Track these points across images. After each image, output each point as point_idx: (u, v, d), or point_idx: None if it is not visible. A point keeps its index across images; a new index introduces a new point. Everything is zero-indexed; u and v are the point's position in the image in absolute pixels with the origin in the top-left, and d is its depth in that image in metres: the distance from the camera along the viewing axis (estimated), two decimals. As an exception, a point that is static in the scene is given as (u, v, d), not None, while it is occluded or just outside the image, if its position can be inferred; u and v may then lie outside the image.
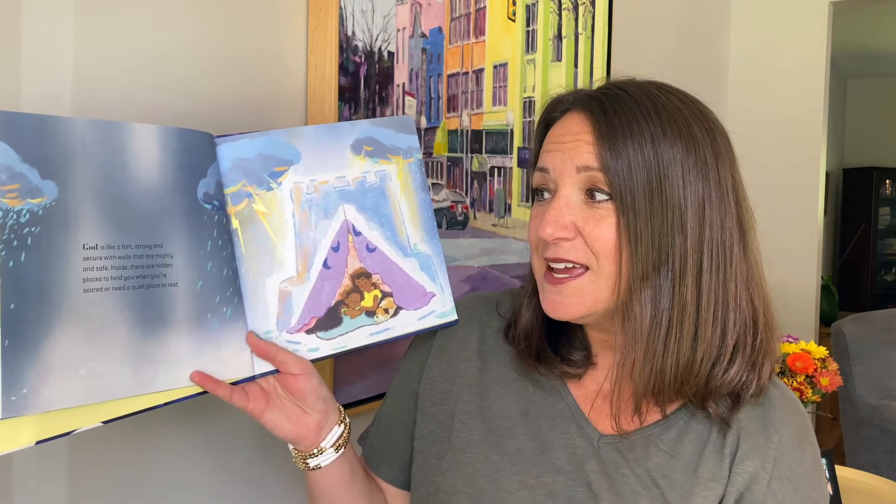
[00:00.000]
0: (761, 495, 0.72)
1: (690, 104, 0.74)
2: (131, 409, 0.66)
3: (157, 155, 0.69)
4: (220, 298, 0.72)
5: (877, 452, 2.55)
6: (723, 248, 0.72)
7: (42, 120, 0.63)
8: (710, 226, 0.71)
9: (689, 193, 0.70)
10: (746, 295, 0.73)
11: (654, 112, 0.71)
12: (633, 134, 0.70)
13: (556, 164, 0.73)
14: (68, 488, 0.83)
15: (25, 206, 0.61)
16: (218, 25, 0.96)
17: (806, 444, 0.77)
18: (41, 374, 0.61)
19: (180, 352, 0.69)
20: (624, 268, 0.70)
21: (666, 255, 0.70)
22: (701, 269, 0.71)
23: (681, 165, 0.70)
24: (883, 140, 5.70)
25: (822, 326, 3.11)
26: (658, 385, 0.72)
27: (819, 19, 2.74)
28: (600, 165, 0.70)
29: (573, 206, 0.72)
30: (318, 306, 0.77)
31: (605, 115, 0.72)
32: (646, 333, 0.71)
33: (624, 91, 0.74)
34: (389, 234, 0.80)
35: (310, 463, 0.79)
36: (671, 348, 0.71)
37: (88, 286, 0.64)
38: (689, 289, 0.70)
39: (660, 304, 0.71)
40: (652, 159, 0.70)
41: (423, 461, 0.83)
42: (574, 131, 0.73)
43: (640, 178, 0.69)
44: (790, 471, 0.74)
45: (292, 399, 0.76)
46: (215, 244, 0.72)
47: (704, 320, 0.71)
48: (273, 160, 0.76)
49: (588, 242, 0.71)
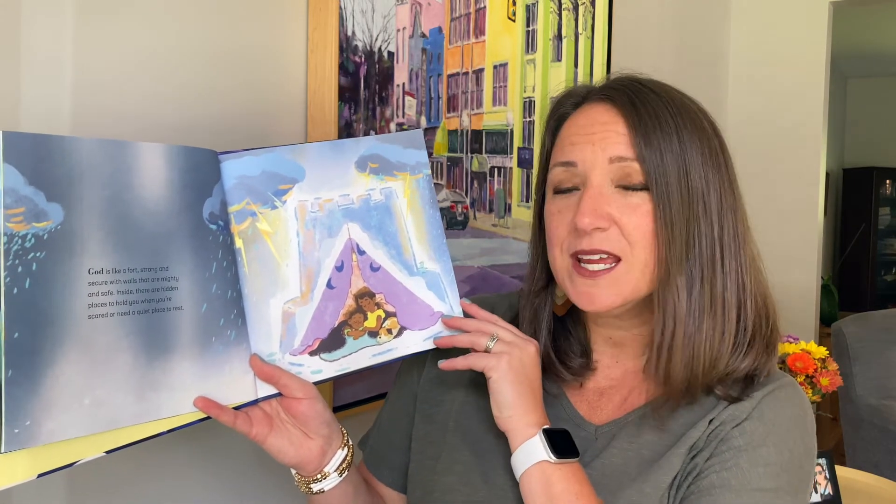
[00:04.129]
0: (730, 427, 0.72)
1: (694, 101, 0.77)
2: (135, 437, 0.65)
3: (163, 175, 0.68)
4: (224, 321, 0.71)
5: (877, 452, 2.55)
6: (737, 237, 0.74)
7: (47, 140, 0.61)
8: (726, 216, 0.74)
9: (710, 185, 0.73)
10: (756, 282, 0.76)
11: (673, 105, 0.74)
12: (662, 125, 0.72)
13: (587, 157, 0.73)
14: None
15: (31, 231, 0.59)
16: (218, 25, 0.95)
17: (796, 419, 0.75)
18: (44, 405, 0.59)
19: (184, 377, 0.68)
20: (661, 256, 0.72)
21: (695, 243, 0.72)
22: (724, 259, 0.73)
23: (700, 158, 0.73)
24: (883, 140, 5.71)
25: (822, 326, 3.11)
26: (693, 373, 0.72)
27: (819, 19, 2.74)
28: (635, 155, 0.71)
29: (607, 196, 0.72)
30: (321, 327, 0.76)
31: (633, 106, 0.73)
32: (683, 319, 0.72)
33: (640, 84, 0.76)
34: (394, 252, 0.79)
35: (313, 488, 0.78)
36: (705, 334, 0.72)
37: (93, 312, 0.62)
38: (720, 277, 0.73)
39: (692, 290, 0.72)
40: (678, 151, 0.72)
41: (419, 462, 0.83)
42: (601, 121, 0.74)
43: (672, 168, 0.71)
44: (768, 419, 0.73)
45: (295, 423, 0.76)
46: (220, 265, 0.71)
47: (729, 306, 0.73)
48: (277, 178, 0.75)
49: (624, 232, 0.72)
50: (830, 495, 1.60)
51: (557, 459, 0.69)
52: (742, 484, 0.69)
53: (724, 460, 0.70)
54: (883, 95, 5.72)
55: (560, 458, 0.69)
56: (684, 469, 0.72)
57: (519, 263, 1.51)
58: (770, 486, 0.69)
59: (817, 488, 1.60)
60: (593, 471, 0.74)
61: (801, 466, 0.73)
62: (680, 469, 0.72)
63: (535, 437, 0.70)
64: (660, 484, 0.71)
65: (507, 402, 0.71)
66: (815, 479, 1.60)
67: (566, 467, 0.70)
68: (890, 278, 5.71)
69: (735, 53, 2.83)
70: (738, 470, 0.70)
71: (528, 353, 0.73)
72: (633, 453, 0.74)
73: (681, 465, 0.72)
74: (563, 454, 0.70)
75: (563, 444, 0.71)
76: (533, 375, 0.73)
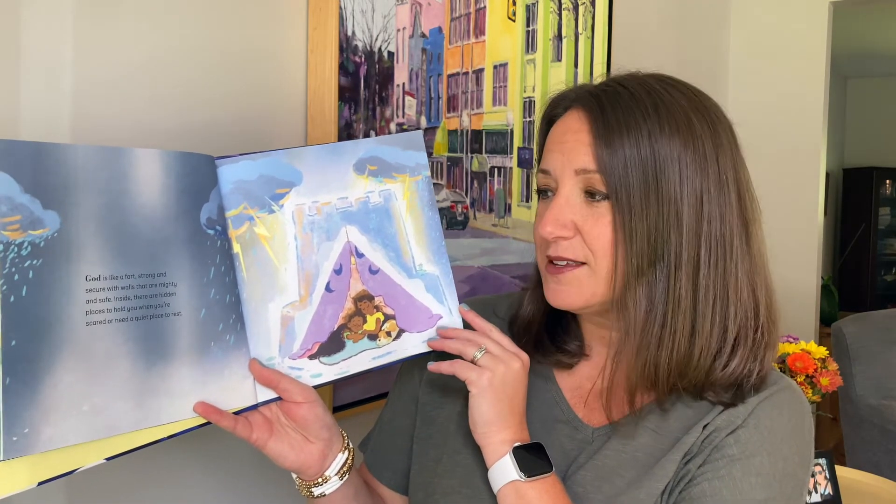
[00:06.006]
0: (724, 435, 0.72)
1: (692, 97, 0.75)
2: (135, 443, 0.65)
3: (159, 180, 0.68)
4: (223, 326, 0.71)
5: (877, 452, 2.55)
6: (722, 241, 0.72)
7: (43, 148, 0.61)
8: (708, 220, 0.71)
9: (686, 188, 0.71)
10: (748, 288, 0.74)
11: (651, 108, 0.72)
12: (630, 131, 0.71)
13: (557, 166, 0.74)
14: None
15: (27, 239, 0.59)
16: (218, 26, 0.95)
17: (793, 426, 0.74)
18: (43, 413, 0.59)
19: (184, 383, 0.67)
20: (619, 264, 0.71)
21: (661, 250, 0.71)
22: (698, 264, 0.71)
23: (678, 160, 0.71)
24: (883, 140, 5.70)
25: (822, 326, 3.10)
26: (652, 378, 0.72)
27: (819, 19, 2.74)
28: (597, 167, 0.71)
29: (573, 206, 0.73)
30: (320, 331, 0.76)
31: (602, 113, 0.72)
32: (640, 328, 0.72)
33: (623, 87, 0.74)
34: (393, 255, 0.79)
35: (314, 492, 0.78)
36: (665, 342, 0.71)
37: (91, 319, 0.62)
38: (685, 284, 0.71)
39: (654, 299, 0.71)
40: (648, 155, 0.70)
41: (421, 464, 0.83)
42: (573, 129, 0.74)
43: (636, 176, 0.70)
44: (763, 426, 0.72)
45: (295, 427, 0.76)
46: (218, 270, 0.71)
47: (702, 314, 0.71)
48: (274, 182, 0.75)
49: (586, 241, 0.73)
50: (830, 495, 1.60)
51: (527, 478, 0.70)
52: (734, 494, 0.69)
53: (717, 468, 0.70)
54: (883, 95, 5.72)
55: (529, 476, 0.70)
56: (677, 475, 0.72)
57: (519, 263, 1.51)
58: (762, 497, 0.69)
59: (817, 488, 1.60)
60: (588, 472, 0.75)
61: (795, 475, 0.72)
62: (673, 475, 0.72)
63: (505, 456, 0.71)
64: (653, 491, 0.71)
65: (483, 419, 0.72)
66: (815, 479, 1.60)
67: (540, 483, 0.70)
68: (890, 278, 5.71)
69: (734, 53, 2.83)
70: (731, 479, 0.70)
71: (512, 370, 0.73)
72: (627, 455, 0.74)
73: (674, 472, 0.72)
74: (534, 471, 0.71)
75: (535, 459, 0.72)
76: (514, 392, 0.74)
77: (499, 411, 0.72)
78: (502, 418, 0.72)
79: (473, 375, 0.72)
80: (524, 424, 0.75)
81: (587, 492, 0.74)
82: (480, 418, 0.72)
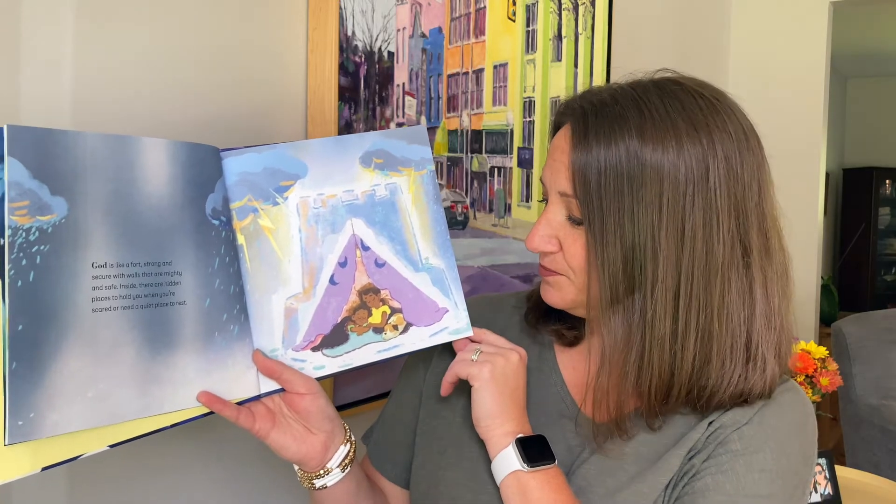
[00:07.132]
0: (729, 431, 0.72)
1: (691, 111, 0.71)
2: (138, 431, 0.65)
3: (166, 170, 0.68)
4: (227, 316, 0.71)
5: (877, 452, 2.55)
6: (705, 271, 0.69)
7: (52, 134, 0.61)
8: (690, 251, 0.69)
9: (666, 217, 0.68)
10: (739, 319, 0.71)
11: (636, 130, 0.69)
12: (609, 154, 0.69)
13: (547, 183, 0.76)
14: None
15: (35, 224, 0.59)
16: (218, 26, 0.95)
17: (797, 425, 0.74)
18: (48, 398, 0.59)
19: (188, 372, 0.68)
20: (592, 291, 0.72)
21: (638, 281, 0.70)
22: (678, 294, 0.69)
23: (660, 182, 0.68)
24: (883, 140, 5.70)
25: (822, 326, 3.11)
26: (646, 396, 0.73)
27: (819, 19, 2.74)
28: (573, 193, 0.71)
29: (556, 224, 0.74)
30: (324, 323, 0.76)
31: (584, 135, 0.71)
32: (619, 357, 0.72)
33: (615, 102, 0.72)
34: (399, 248, 0.79)
35: (316, 484, 0.78)
36: (644, 372, 0.71)
37: (97, 306, 0.62)
38: (662, 317, 0.70)
39: (631, 328, 0.71)
40: (625, 182, 0.69)
41: (425, 457, 0.83)
42: (560, 149, 0.74)
43: (611, 204, 0.69)
44: (768, 424, 0.72)
45: (298, 419, 0.76)
46: (223, 261, 0.71)
47: (684, 347, 0.70)
48: (279, 174, 0.75)
49: (566, 258, 0.74)
50: (830, 495, 1.60)
51: (530, 468, 0.70)
52: (736, 489, 0.69)
53: (721, 463, 0.70)
54: (883, 95, 5.72)
55: (533, 466, 0.70)
56: (681, 469, 0.72)
57: (519, 263, 1.51)
58: (764, 493, 0.69)
59: (817, 488, 1.60)
60: (591, 466, 0.75)
61: (798, 472, 0.72)
62: (677, 470, 0.72)
63: (508, 447, 0.72)
64: (657, 485, 0.72)
65: (486, 412, 0.73)
66: (815, 479, 1.60)
67: (542, 474, 0.71)
68: (890, 278, 5.71)
69: (734, 53, 2.83)
70: (734, 474, 0.70)
71: (512, 362, 0.74)
72: (631, 450, 0.75)
73: (679, 466, 0.72)
74: (537, 461, 0.71)
75: (538, 452, 0.72)
76: (514, 384, 0.74)
77: (501, 403, 0.73)
78: (505, 410, 0.73)
79: (474, 370, 0.73)
80: (526, 417, 0.75)
81: (590, 485, 0.74)
82: (483, 411, 0.73)
